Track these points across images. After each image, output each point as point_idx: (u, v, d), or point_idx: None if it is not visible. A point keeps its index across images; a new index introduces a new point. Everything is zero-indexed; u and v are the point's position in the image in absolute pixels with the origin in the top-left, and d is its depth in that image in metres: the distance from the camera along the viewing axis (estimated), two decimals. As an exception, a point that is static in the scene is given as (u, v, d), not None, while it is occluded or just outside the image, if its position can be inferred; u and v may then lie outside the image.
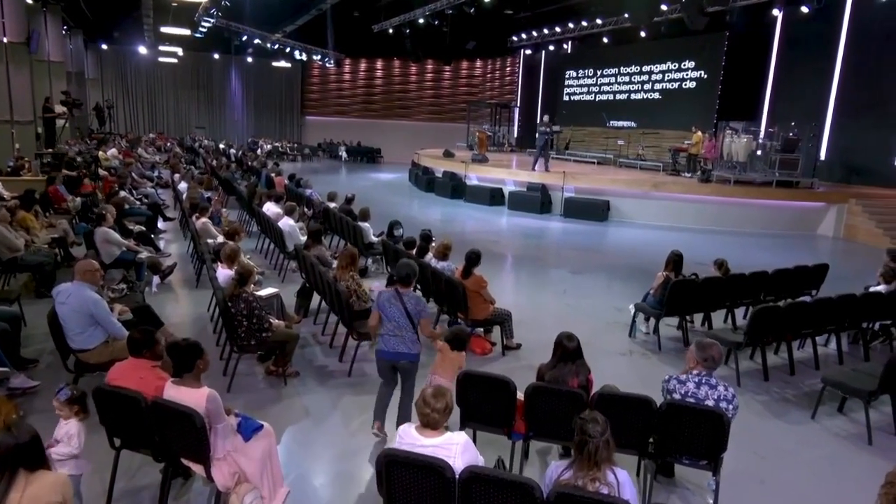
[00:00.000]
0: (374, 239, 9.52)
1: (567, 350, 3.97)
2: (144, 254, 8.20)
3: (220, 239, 8.33)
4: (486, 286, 6.46)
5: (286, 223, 8.99)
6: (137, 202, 12.14)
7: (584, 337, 7.21)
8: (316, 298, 7.45)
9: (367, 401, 5.38)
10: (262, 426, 3.69)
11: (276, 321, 5.70)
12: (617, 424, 3.75)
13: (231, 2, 20.38)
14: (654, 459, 3.87)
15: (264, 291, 6.43)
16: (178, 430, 3.37)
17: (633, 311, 7.39)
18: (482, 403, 4.03)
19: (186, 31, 20.93)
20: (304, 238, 9.18)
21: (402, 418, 4.58)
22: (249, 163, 21.02)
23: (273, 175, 16.32)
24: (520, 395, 3.99)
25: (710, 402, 3.67)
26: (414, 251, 7.63)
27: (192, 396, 3.39)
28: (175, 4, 20.84)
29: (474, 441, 4.40)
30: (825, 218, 15.47)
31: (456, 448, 2.99)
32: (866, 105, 16.35)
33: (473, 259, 6.55)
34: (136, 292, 6.74)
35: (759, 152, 16.04)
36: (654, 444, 3.80)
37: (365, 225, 9.48)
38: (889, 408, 5.25)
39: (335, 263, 7.80)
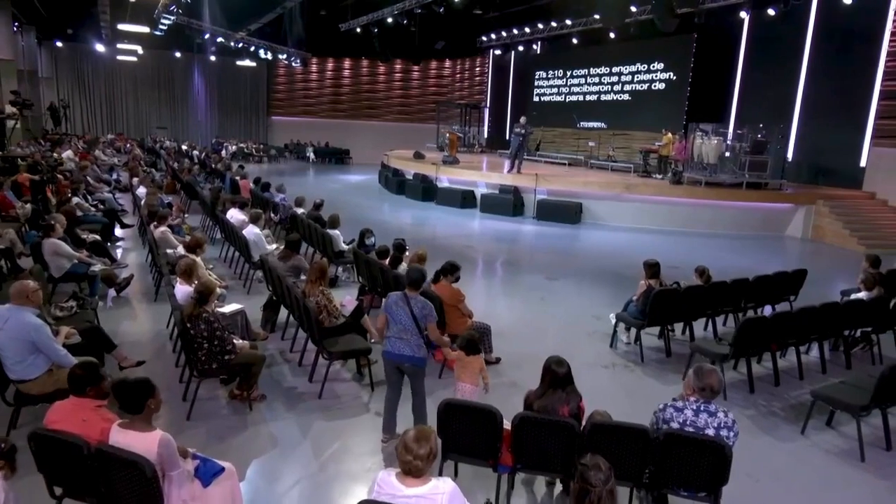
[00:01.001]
0: (345, 247, 9.13)
1: (557, 376, 3.68)
2: (98, 266, 7.67)
3: (181, 249, 7.84)
4: (464, 299, 6.16)
5: (251, 231, 8.54)
6: (92, 209, 11.51)
7: (565, 349, 7.01)
8: (284, 311, 7.06)
9: (339, 426, 5.05)
10: (223, 469, 3.32)
11: (241, 342, 5.30)
12: (611, 455, 3.50)
13: (192, -1, 19.72)
14: (649, 491, 3.62)
15: (228, 308, 6.02)
16: (127, 481, 2.99)
17: (613, 321, 7.19)
18: (465, 434, 3.73)
19: (145, 29, 20.09)
20: (270, 247, 8.77)
21: (419, 420, 4.63)
22: (213, 165, 20.33)
23: (238, 179, 15.74)
24: (506, 425, 3.70)
25: (711, 431, 3.44)
26: (387, 261, 7.29)
27: (142, 442, 3.01)
28: (133, 1, 20.03)
29: (455, 474, 4.13)
30: (793, 219, 15.60)
31: (442, 498, 2.68)
32: (832, 107, 16.56)
33: (447, 269, 6.25)
34: (88, 309, 6.25)
35: (727, 154, 16.10)
36: (649, 476, 3.55)
37: (335, 232, 9.08)
38: (878, 420, 5.12)
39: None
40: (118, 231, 11.76)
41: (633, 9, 17.57)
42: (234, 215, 9.80)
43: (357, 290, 8.20)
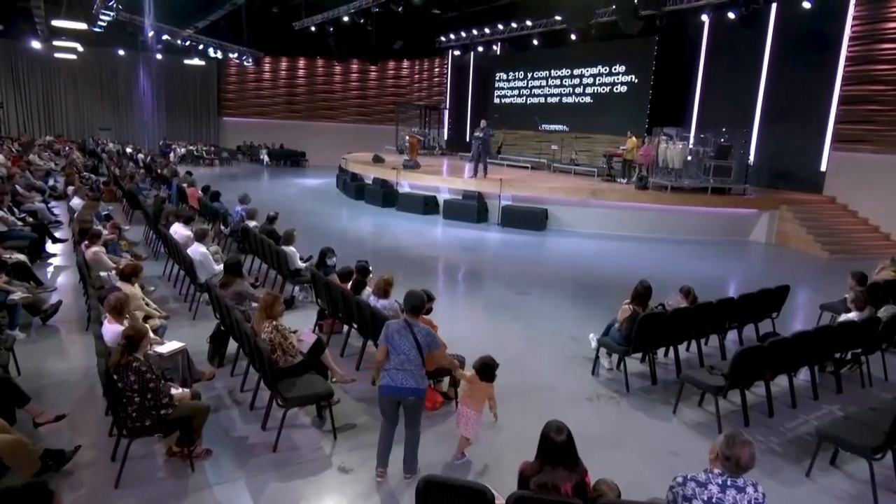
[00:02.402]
0: (302, 265, 8.41)
1: (556, 445, 3.12)
2: (18, 294, 6.76)
3: (114, 276, 6.97)
4: (436, 331, 5.55)
5: (196, 251, 7.73)
6: (19, 222, 10.41)
7: (545, 378, 6.51)
8: (234, 342, 6.32)
9: (298, 488, 4.38)
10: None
11: (179, 391, 4.57)
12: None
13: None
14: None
15: (166, 347, 5.26)
16: None
17: (593, 344, 6.71)
18: (450, 515, 3.13)
19: (83, 25, 18.73)
20: (217, 267, 7.97)
21: (409, 464, 4.42)
22: (159, 170, 19.15)
23: (185, 186, 14.75)
24: (498, 501, 3.12)
25: (740, 510, 2.93)
26: (349, 285, 6.62)
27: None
28: (68, -5, 18.68)
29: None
30: (757, 224, 15.54)
31: None
32: (792, 111, 16.59)
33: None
34: (0, 350, 5.40)
35: (689, 157, 15.91)
36: (667, 561, 3.02)
37: (290, 249, 8.35)
38: (887, 457, 4.74)
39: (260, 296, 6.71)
40: (50, 246, 10.71)
41: (598, 10, 17.28)
42: (178, 231, 8.94)
43: (316, 313, 7.51)
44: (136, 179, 15.54)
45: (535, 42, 22.47)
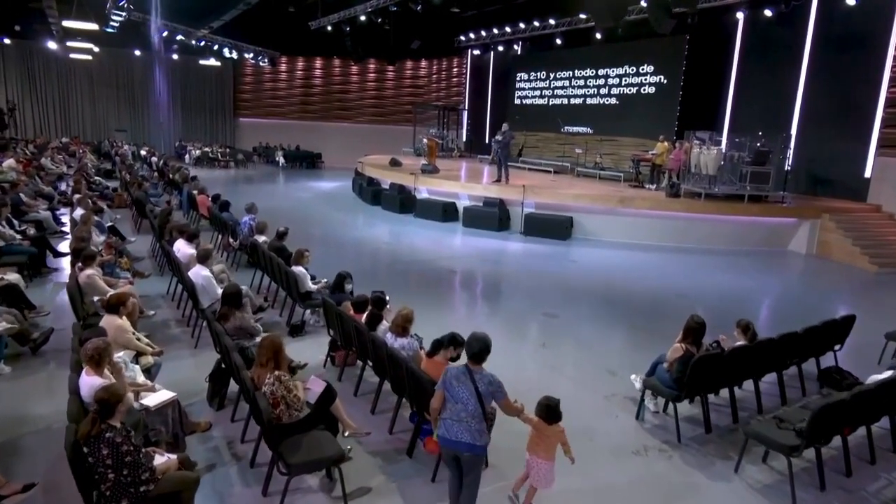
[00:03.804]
0: (313, 287, 7.75)
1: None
2: (3, 324, 6.16)
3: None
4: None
5: (199, 274, 7.08)
6: (18, 235, 9.84)
7: (585, 424, 5.70)
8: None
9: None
10: None
11: (163, 459, 3.89)
12: None
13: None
14: None
15: (155, 398, 4.60)
16: None
17: (637, 385, 5.98)
18: None
19: (93, 26, 18.33)
20: (221, 290, 7.33)
21: None
22: (171, 175, 18.65)
23: (196, 193, 14.20)
24: None
25: None
26: (363, 317, 5.94)
27: None
28: (80, -5, 18.28)
29: None
30: (797, 234, 14.62)
31: None
32: (833, 114, 15.62)
33: (446, 342, 4.99)
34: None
35: (721, 162, 14.98)
36: None
37: (300, 270, 7.68)
38: None
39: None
40: (52, 260, 10.16)
41: (629, 8, 16.45)
42: (182, 249, 8.30)
43: (328, 343, 6.85)
44: (144, 186, 15.02)
45: (558, 41, 21.72)
